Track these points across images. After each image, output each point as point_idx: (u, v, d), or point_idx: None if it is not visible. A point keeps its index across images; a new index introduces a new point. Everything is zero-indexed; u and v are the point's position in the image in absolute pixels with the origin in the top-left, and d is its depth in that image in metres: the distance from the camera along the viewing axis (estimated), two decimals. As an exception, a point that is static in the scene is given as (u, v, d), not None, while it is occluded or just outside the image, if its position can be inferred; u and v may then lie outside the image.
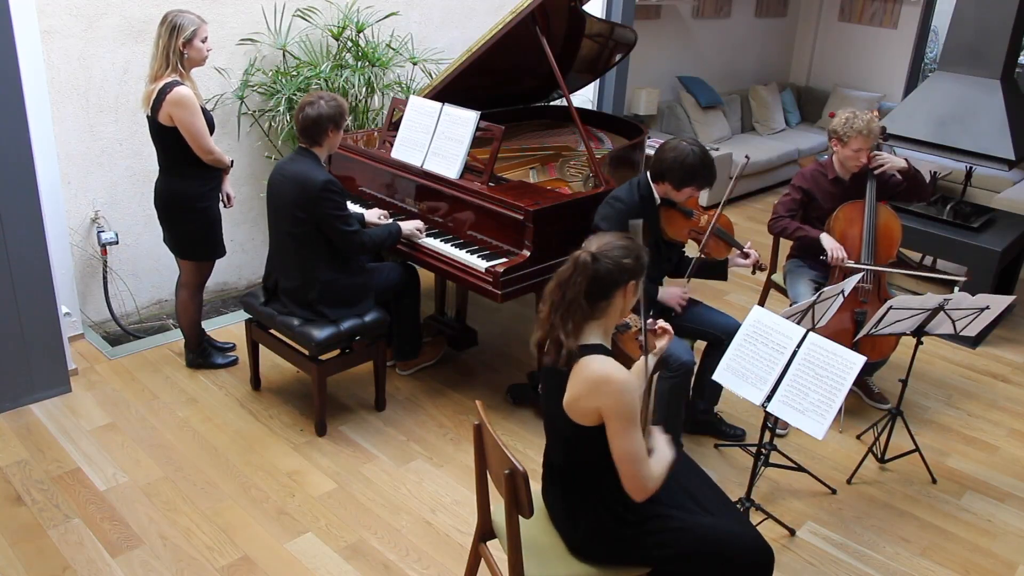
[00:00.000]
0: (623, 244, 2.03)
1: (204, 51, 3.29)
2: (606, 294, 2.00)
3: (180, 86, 3.20)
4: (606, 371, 1.92)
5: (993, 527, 3.11)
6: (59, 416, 3.37)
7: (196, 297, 3.66)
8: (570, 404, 1.98)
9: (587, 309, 1.99)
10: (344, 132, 3.89)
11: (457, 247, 3.37)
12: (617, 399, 1.91)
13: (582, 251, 2.02)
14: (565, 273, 2.02)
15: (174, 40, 3.19)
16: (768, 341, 2.59)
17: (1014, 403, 3.98)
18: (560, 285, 2.02)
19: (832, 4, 8.01)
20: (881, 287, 3.62)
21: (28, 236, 3.24)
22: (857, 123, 3.47)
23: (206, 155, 3.32)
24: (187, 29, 3.20)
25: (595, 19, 4.04)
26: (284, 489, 3.05)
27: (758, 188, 6.98)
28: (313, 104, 3.09)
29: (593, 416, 1.95)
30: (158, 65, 3.24)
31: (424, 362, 3.90)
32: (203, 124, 3.26)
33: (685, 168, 3.01)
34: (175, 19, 3.20)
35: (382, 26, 4.59)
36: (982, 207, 4.98)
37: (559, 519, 2.17)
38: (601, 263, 1.98)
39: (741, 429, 3.52)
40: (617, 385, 1.91)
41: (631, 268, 2.01)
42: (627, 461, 1.94)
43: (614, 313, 2.05)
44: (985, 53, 4.73)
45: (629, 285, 2.02)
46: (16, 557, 2.63)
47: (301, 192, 3.08)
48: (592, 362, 1.95)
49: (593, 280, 1.97)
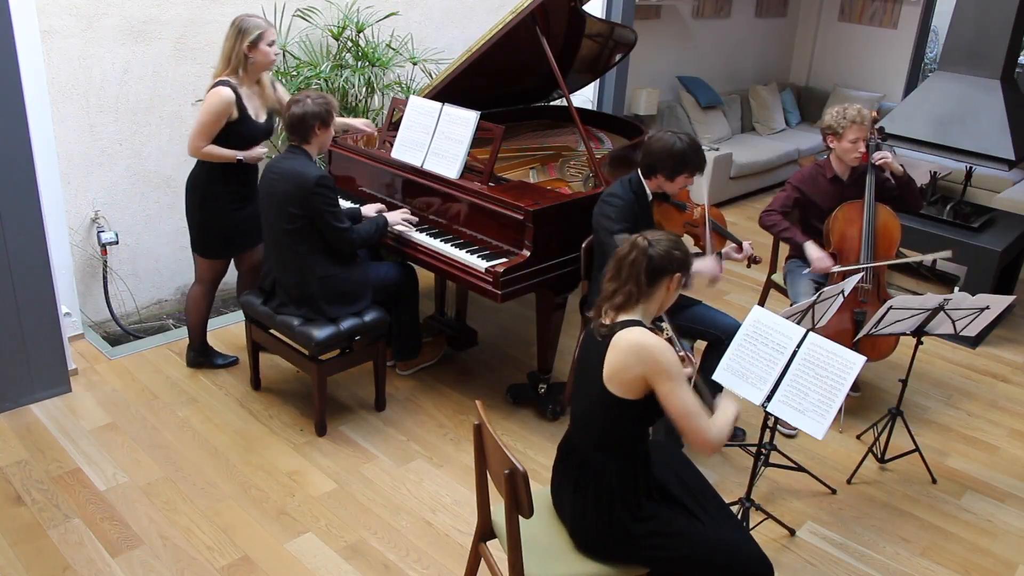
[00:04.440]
0: (672, 238, 2.16)
1: (271, 55, 3.34)
2: (655, 279, 2.11)
3: (222, 86, 3.26)
4: (642, 338, 2.03)
5: (993, 527, 3.11)
6: (59, 416, 3.37)
7: (207, 295, 3.66)
8: (611, 377, 2.05)
9: (644, 288, 2.10)
10: (344, 132, 3.92)
11: (457, 247, 3.37)
12: (658, 361, 2.00)
13: (639, 235, 2.14)
14: (623, 252, 2.14)
15: (239, 43, 3.25)
16: (768, 341, 2.58)
17: (1014, 403, 3.98)
18: (617, 263, 2.14)
19: (832, 4, 8.01)
20: (881, 287, 3.62)
21: (28, 236, 3.24)
22: (850, 112, 3.52)
23: (191, 148, 3.33)
24: (252, 32, 3.25)
25: (595, 19, 4.04)
26: (284, 489, 3.05)
27: (758, 188, 6.98)
28: (299, 102, 3.11)
29: (637, 385, 2.03)
30: (220, 66, 3.33)
31: (424, 362, 3.90)
32: (209, 124, 3.27)
33: (674, 156, 3.01)
34: (242, 22, 3.27)
35: (382, 26, 4.59)
36: (982, 207, 4.98)
37: (566, 510, 2.19)
38: (655, 247, 2.10)
39: (741, 429, 3.52)
40: (654, 348, 2.01)
41: (679, 260, 2.13)
42: (684, 416, 2.03)
43: (656, 301, 2.15)
44: (985, 53, 4.73)
45: (675, 277, 2.14)
46: (16, 557, 2.63)
47: (295, 188, 3.09)
48: (628, 333, 2.05)
49: (648, 263, 2.09)
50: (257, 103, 3.41)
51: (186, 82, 4.09)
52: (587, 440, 2.16)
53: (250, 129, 3.37)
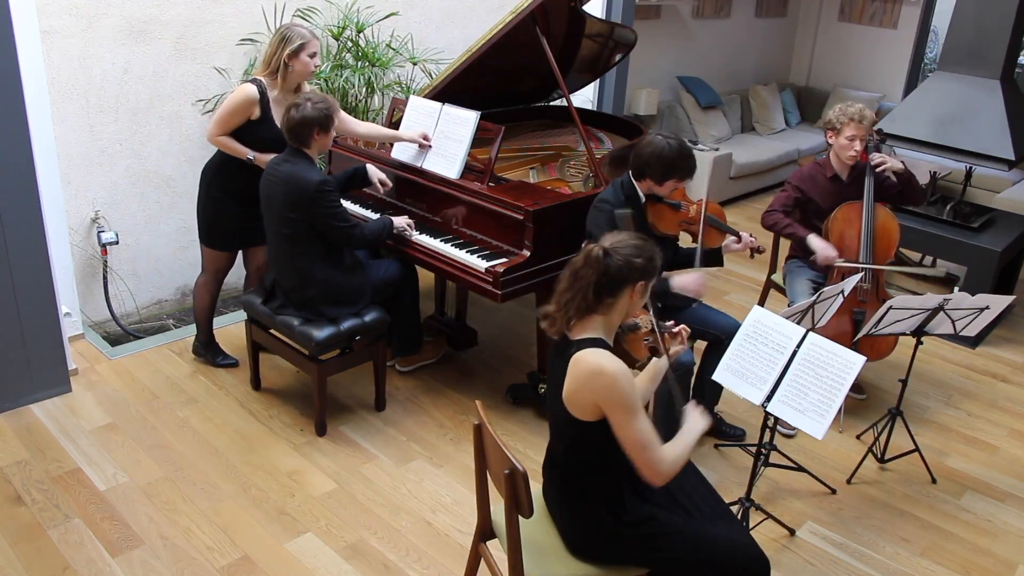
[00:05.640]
0: (636, 243, 2.03)
1: (311, 65, 3.37)
2: (614, 291, 2.00)
3: (250, 84, 3.32)
4: (599, 363, 1.92)
5: (993, 527, 3.11)
6: (59, 416, 3.37)
7: (209, 285, 3.69)
8: (569, 398, 1.98)
9: (592, 303, 1.99)
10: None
11: (457, 247, 3.37)
12: (610, 391, 1.90)
13: (596, 244, 2.02)
14: (577, 263, 2.03)
15: (280, 50, 3.29)
16: (768, 341, 2.59)
17: (1014, 403, 3.98)
18: (572, 274, 2.03)
19: (832, 4, 8.01)
20: (880, 287, 3.62)
21: (28, 236, 3.24)
22: (850, 110, 3.56)
23: (208, 133, 3.38)
24: (294, 42, 3.29)
25: (595, 19, 4.04)
26: (284, 489, 3.05)
27: (758, 188, 6.98)
28: (299, 106, 3.09)
29: (592, 410, 1.96)
30: (260, 67, 3.41)
31: (424, 361, 3.90)
32: (227, 115, 3.31)
33: (663, 161, 3.02)
34: (286, 31, 3.31)
35: (382, 26, 4.59)
36: (982, 207, 4.98)
37: (557, 514, 2.18)
38: (612, 259, 1.98)
39: (741, 429, 3.52)
40: (609, 377, 1.90)
41: (641, 268, 2.01)
42: (636, 449, 1.94)
43: (619, 311, 2.04)
44: (985, 53, 4.73)
45: (638, 285, 2.02)
46: (16, 557, 2.63)
47: (294, 193, 3.08)
48: (587, 355, 1.95)
49: (603, 275, 1.98)
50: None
51: (186, 82, 4.09)
52: (561, 451, 2.13)
53: (270, 132, 3.37)
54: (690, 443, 2.05)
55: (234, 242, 3.62)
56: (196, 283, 3.73)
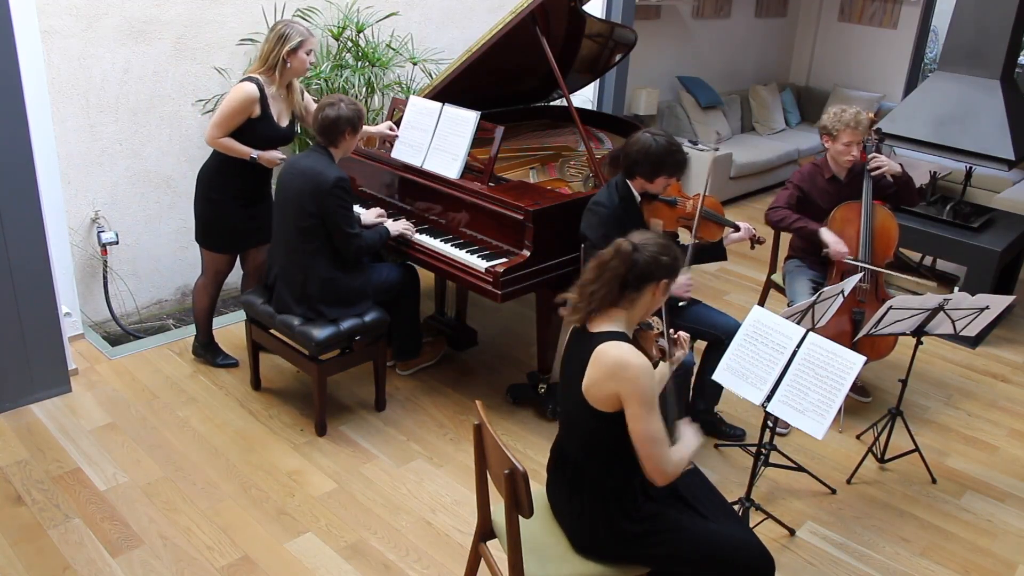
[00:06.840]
0: (662, 243, 2.11)
1: (307, 63, 3.38)
2: (639, 286, 2.06)
3: (248, 82, 3.32)
4: (624, 356, 1.98)
5: (993, 527, 3.11)
6: (59, 416, 3.37)
7: (208, 287, 3.69)
8: (589, 388, 2.02)
9: (616, 296, 2.05)
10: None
11: (457, 247, 3.37)
12: (635, 383, 1.96)
13: (624, 239, 2.09)
14: (606, 256, 2.09)
15: (278, 48, 3.30)
16: (768, 341, 2.59)
17: (1014, 403, 3.99)
18: (599, 266, 2.09)
19: (832, 4, 8.01)
20: (879, 287, 3.62)
21: (28, 236, 3.24)
22: (845, 116, 3.52)
23: (208, 136, 3.37)
24: (294, 40, 3.30)
25: (595, 19, 4.04)
26: (284, 489, 3.05)
27: (758, 188, 6.98)
28: (333, 105, 3.13)
29: (611, 401, 2.00)
30: (256, 64, 3.40)
31: (424, 362, 3.90)
32: (228, 116, 3.31)
33: (651, 159, 3.02)
34: (284, 28, 3.31)
35: (382, 26, 4.59)
36: (982, 207, 4.98)
37: (563, 511, 2.18)
38: (641, 254, 2.05)
39: (741, 429, 3.52)
40: (634, 370, 1.96)
41: (666, 266, 2.08)
42: (647, 443, 1.99)
43: (641, 307, 2.11)
44: (985, 53, 4.73)
45: (661, 283, 2.09)
46: (16, 557, 2.63)
47: (313, 186, 3.10)
48: (611, 348, 2.00)
49: (630, 269, 2.04)
50: (282, 106, 3.45)
51: (186, 82, 4.09)
52: (575, 444, 2.15)
53: (270, 130, 3.38)
54: (688, 455, 2.11)
55: (234, 244, 3.62)
56: (195, 285, 3.72)
